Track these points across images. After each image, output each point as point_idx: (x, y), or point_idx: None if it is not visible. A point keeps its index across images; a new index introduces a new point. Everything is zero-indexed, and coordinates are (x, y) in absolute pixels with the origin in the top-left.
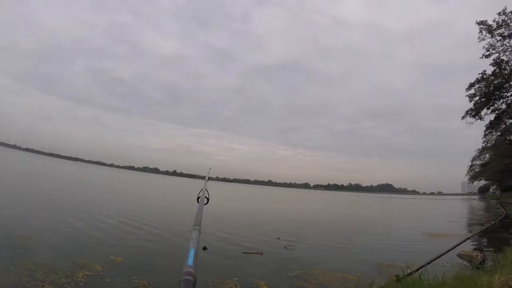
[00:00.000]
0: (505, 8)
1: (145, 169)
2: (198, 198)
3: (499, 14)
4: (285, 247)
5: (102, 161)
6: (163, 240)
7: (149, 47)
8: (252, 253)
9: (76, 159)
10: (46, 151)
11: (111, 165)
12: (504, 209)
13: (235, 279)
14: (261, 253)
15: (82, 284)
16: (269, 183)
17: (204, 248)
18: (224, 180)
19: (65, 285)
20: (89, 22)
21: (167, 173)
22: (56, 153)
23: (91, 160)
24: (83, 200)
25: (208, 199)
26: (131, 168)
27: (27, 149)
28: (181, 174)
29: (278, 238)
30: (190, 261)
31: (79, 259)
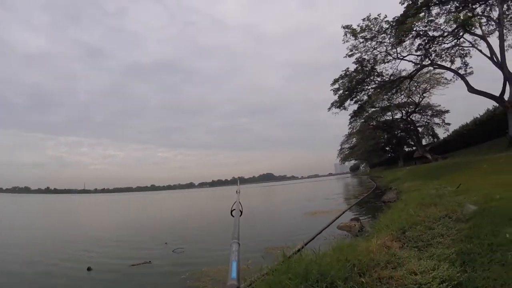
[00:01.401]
0: (370, 15)
1: (14, 190)
2: (232, 211)
3: (363, 19)
4: (173, 251)
5: None
6: (43, 273)
7: (11, 44)
8: (139, 264)
9: None
10: None
11: None
12: (375, 182)
13: None
14: (149, 262)
15: None
16: (152, 188)
17: (89, 269)
18: (104, 191)
19: None
20: None
21: (39, 191)
22: None
23: None
24: None
25: (241, 211)
26: None
27: None
28: (55, 191)
29: (166, 243)
30: (234, 274)
31: None
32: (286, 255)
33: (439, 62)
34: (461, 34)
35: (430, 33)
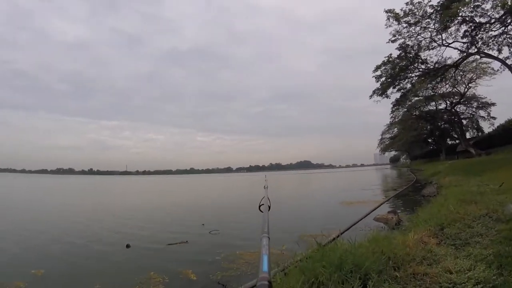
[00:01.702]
0: None
1: (59, 171)
2: (260, 206)
3: (406, 3)
4: (209, 232)
5: (12, 168)
6: (82, 248)
7: (53, 34)
8: (176, 243)
9: None
10: None
11: (22, 171)
12: (415, 175)
13: (161, 272)
14: (186, 242)
15: None
16: (192, 171)
17: (127, 246)
18: (145, 173)
19: None
20: None
21: (83, 172)
22: None
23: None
24: None
25: (270, 206)
26: (44, 171)
27: None
28: (98, 172)
29: (203, 224)
30: (265, 267)
31: None
32: (321, 243)
33: (486, 51)
34: (508, 21)
35: (477, 19)
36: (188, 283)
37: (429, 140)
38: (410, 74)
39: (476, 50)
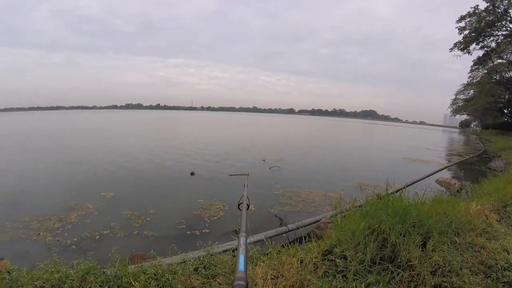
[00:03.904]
0: None
1: (128, 106)
2: (239, 205)
3: None
4: (270, 168)
5: (84, 105)
6: (150, 174)
7: None
8: (238, 174)
9: (57, 108)
10: (25, 106)
11: (93, 107)
12: (484, 145)
13: (222, 200)
14: (247, 174)
15: (75, 224)
16: (254, 109)
17: (192, 174)
18: (209, 109)
19: (60, 229)
20: None
21: (150, 107)
22: (36, 106)
23: (72, 106)
24: (69, 146)
25: (248, 205)
26: (114, 107)
27: (5, 109)
28: (165, 107)
29: (264, 160)
30: (241, 266)
31: (71, 202)
32: (388, 193)
33: None
34: None
35: None
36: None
37: (505, 111)
38: (497, 32)
39: None
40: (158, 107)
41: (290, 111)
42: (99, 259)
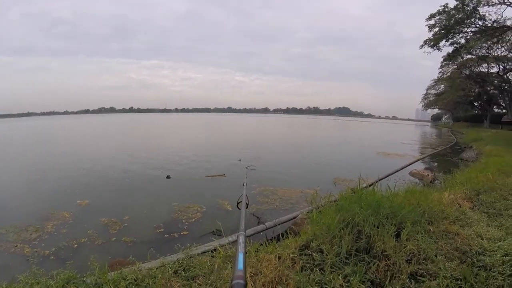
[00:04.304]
0: None
1: (100, 110)
2: (238, 204)
3: None
4: (246, 167)
5: (56, 111)
6: (126, 179)
7: None
8: (214, 175)
9: (28, 114)
10: None
11: (65, 113)
12: (456, 137)
13: (199, 201)
14: (224, 175)
15: (52, 234)
16: (229, 110)
17: (168, 177)
18: (184, 111)
19: (37, 239)
20: None
21: (123, 110)
22: (5, 113)
23: (43, 112)
24: (38, 154)
25: (247, 204)
26: (86, 111)
27: None
28: (139, 110)
29: (240, 160)
30: (240, 265)
31: (47, 212)
32: (360, 187)
33: None
34: None
35: None
36: (225, 213)
37: (475, 104)
38: (466, 29)
39: None
40: (131, 110)
41: (265, 111)
42: (79, 268)
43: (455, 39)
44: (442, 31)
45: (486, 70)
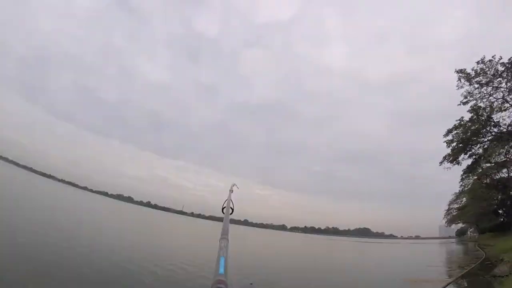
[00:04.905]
0: (484, 57)
1: (119, 197)
2: (223, 209)
3: (477, 62)
4: None
5: (75, 182)
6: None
7: (138, 73)
8: None
9: (49, 176)
10: (21, 162)
11: (85, 188)
12: (484, 251)
13: None
14: None
15: None
16: (245, 222)
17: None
18: (200, 216)
19: None
20: (83, 39)
21: (141, 203)
22: (30, 166)
23: (64, 180)
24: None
25: (232, 209)
26: (105, 194)
27: (0, 157)
28: (155, 206)
29: (251, 283)
30: (222, 269)
31: None
32: None
33: None
34: None
35: None
36: None
37: (500, 211)
38: (483, 139)
39: None
40: (148, 204)
41: (282, 227)
42: None
43: (473, 150)
44: (460, 145)
45: (507, 174)
